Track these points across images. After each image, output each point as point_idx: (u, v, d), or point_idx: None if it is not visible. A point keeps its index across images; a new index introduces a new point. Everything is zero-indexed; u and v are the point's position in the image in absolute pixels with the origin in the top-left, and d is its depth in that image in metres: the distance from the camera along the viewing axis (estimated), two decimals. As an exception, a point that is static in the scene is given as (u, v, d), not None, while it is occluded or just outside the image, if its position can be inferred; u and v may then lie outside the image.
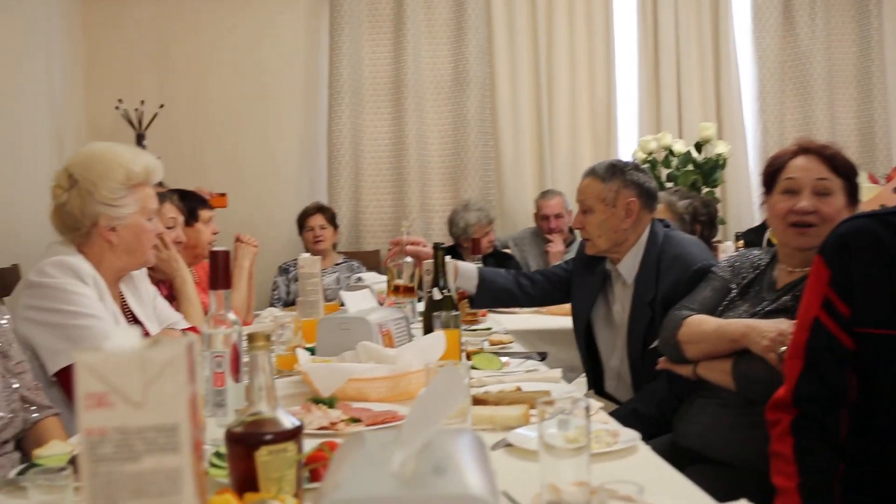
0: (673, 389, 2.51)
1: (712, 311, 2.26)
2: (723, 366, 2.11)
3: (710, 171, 4.08)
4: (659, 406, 2.53)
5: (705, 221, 4.04)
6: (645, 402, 2.61)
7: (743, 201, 5.73)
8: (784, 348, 1.89)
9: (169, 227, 3.13)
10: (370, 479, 0.76)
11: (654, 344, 2.61)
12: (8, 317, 2.10)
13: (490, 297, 3.14)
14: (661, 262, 2.73)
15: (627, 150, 5.64)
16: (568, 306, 3.17)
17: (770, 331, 1.97)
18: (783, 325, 1.97)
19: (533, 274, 3.18)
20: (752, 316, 2.13)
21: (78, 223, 2.32)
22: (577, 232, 3.87)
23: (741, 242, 4.36)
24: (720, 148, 4.06)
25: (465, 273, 3.07)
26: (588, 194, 2.84)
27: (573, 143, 5.82)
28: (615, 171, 2.81)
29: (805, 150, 2.14)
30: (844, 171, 2.09)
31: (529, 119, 5.79)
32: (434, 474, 0.77)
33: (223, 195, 4.34)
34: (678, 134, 5.43)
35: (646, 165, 4.34)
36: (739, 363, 2.07)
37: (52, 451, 1.49)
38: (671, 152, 4.16)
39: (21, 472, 1.45)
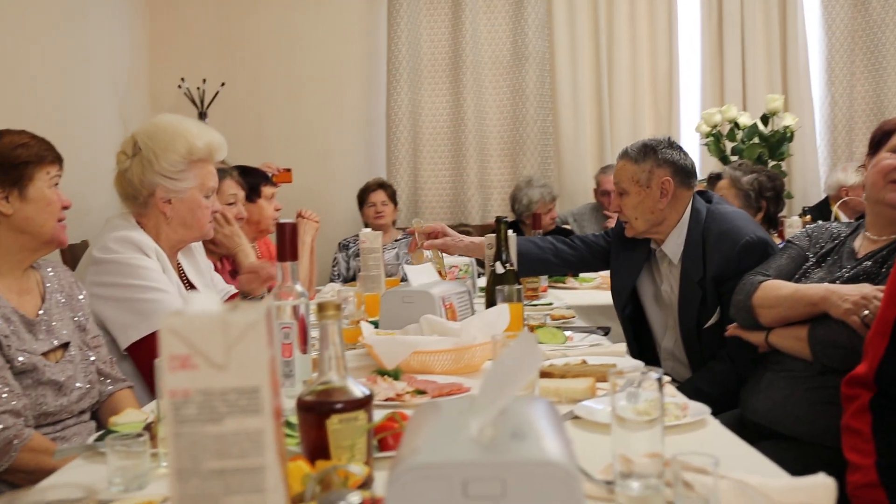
0: (736, 368, 2.47)
1: (788, 279, 2.22)
2: (798, 332, 2.07)
3: (777, 144, 3.97)
4: (722, 385, 2.49)
5: (771, 197, 3.92)
6: (706, 380, 2.57)
7: (810, 175, 5.59)
8: (867, 312, 1.85)
9: (230, 203, 3.17)
10: (449, 445, 0.76)
11: (710, 323, 2.58)
12: (85, 292, 2.15)
13: (523, 267, 3.12)
14: (707, 239, 2.67)
15: (689, 123, 5.54)
16: None
17: (852, 294, 1.92)
18: (866, 288, 1.92)
19: (573, 240, 3.14)
20: (833, 283, 2.08)
21: (136, 191, 2.36)
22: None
23: (808, 217, 4.25)
24: (787, 120, 3.95)
25: None
26: (622, 176, 2.79)
27: (633, 117, 5.74)
28: (647, 150, 2.75)
29: None
30: None
31: (589, 93, 5.72)
32: (513, 440, 0.76)
33: (289, 171, 4.38)
34: (742, 107, 5.31)
35: (710, 139, 4.25)
36: (816, 329, 2.03)
37: (128, 418, 1.53)
38: (736, 125, 4.06)
39: (98, 439, 1.49)
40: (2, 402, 1.77)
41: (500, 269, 2.58)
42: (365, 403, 1.19)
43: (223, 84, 5.41)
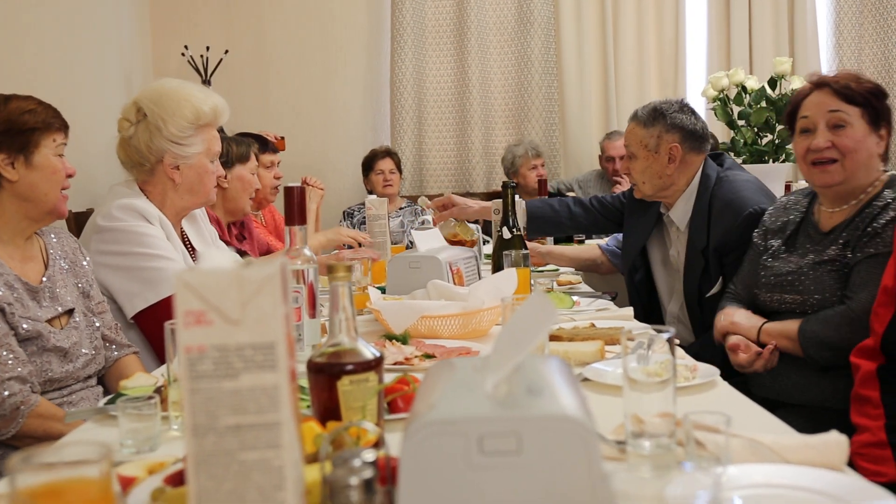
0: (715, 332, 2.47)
1: (752, 284, 2.30)
2: (789, 331, 2.11)
3: (785, 107, 3.92)
4: (722, 352, 2.50)
5: None
6: (708, 347, 2.57)
7: (817, 140, 5.55)
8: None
9: (252, 174, 3.17)
10: (465, 401, 0.76)
11: (712, 292, 2.60)
12: (88, 258, 2.14)
13: (537, 228, 3.13)
14: (713, 208, 2.66)
15: (695, 88, 5.50)
16: None
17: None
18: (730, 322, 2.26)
19: (590, 200, 3.14)
20: (800, 269, 2.11)
21: (143, 158, 2.33)
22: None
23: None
24: (796, 83, 3.89)
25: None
26: (631, 140, 2.77)
27: (639, 83, 5.70)
28: (657, 115, 2.72)
29: (817, 84, 2.10)
30: (860, 97, 2.03)
31: (594, 59, 5.67)
32: (528, 396, 0.76)
33: (282, 139, 4.35)
34: (749, 70, 5.27)
35: (716, 103, 4.22)
36: (806, 328, 2.07)
37: (138, 382, 1.53)
38: (744, 89, 4.01)
39: (109, 403, 1.49)
40: (7, 369, 1.76)
41: (507, 234, 2.57)
42: (376, 365, 1.19)
43: (227, 51, 5.37)
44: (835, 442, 1.11)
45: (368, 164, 5.16)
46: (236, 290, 0.67)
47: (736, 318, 2.24)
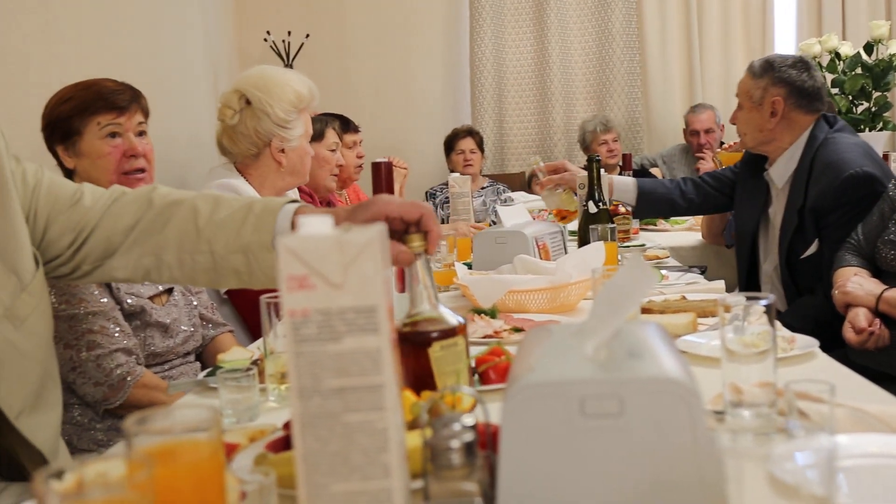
0: (829, 304, 2.37)
1: (874, 239, 2.18)
2: None
3: (882, 73, 3.76)
4: (815, 322, 2.41)
5: None
6: (799, 317, 2.49)
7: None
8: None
9: (331, 151, 3.23)
10: (565, 364, 0.76)
11: (807, 253, 2.51)
12: None
13: (649, 207, 3.04)
14: (814, 168, 2.60)
15: (785, 57, 5.33)
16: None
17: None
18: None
19: (699, 178, 3.07)
20: None
21: (252, 144, 2.40)
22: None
23: (915, 150, 4.05)
24: (894, 48, 3.74)
25: (621, 186, 2.98)
26: (740, 89, 2.77)
27: (725, 54, 5.55)
28: (767, 67, 2.70)
29: None
30: None
31: (678, 29, 5.54)
32: (629, 359, 0.75)
33: None
34: (842, 37, 5.07)
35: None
36: None
37: (234, 356, 1.57)
38: (837, 55, 3.86)
39: (208, 375, 1.54)
40: (115, 341, 1.85)
41: (593, 208, 2.55)
42: (462, 329, 1.20)
43: (308, 35, 5.44)
44: (947, 411, 1.07)
45: (450, 144, 5.17)
46: (338, 255, 0.68)
47: (850, 288, 2.16)
